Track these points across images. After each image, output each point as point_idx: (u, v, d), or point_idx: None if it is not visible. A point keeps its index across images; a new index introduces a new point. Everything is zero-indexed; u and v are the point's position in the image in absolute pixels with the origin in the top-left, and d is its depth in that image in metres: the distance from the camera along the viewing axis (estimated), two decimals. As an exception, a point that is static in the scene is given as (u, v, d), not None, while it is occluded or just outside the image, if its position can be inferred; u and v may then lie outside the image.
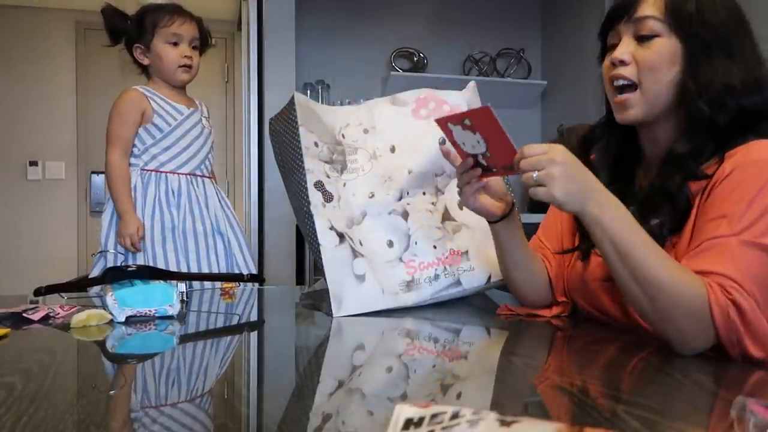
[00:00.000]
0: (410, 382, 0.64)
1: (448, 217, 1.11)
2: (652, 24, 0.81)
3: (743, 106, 0.78)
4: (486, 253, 1.08)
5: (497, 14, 3.52)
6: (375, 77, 3.34)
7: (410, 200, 1.09)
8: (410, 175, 1.09)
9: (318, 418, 0.51)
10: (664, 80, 0.82)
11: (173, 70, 1.63)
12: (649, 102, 0.84)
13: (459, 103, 1.14)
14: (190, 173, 1.65)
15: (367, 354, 0.81)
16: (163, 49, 1.62)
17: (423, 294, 1.05)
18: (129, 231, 1.55)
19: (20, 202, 4.19)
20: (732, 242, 0.71)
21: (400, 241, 1.06)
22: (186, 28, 1.63)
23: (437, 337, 0.90)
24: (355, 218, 1.06)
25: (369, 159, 1.11)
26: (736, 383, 0.65)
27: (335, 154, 1.10)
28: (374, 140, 1.12)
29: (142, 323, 0.93)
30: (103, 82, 4.30)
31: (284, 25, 2.78)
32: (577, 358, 0.79)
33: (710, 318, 0.68)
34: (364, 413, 0.53)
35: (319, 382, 0.65)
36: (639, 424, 0.47)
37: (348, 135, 1.12)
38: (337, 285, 1.00)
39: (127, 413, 0.52)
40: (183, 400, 0.58)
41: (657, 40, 0.82)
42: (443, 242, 1.08)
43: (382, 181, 1.09)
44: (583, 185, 0.74)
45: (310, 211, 1.02)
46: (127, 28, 1.63)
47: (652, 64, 0.82)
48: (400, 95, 1.17)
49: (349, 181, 1.08)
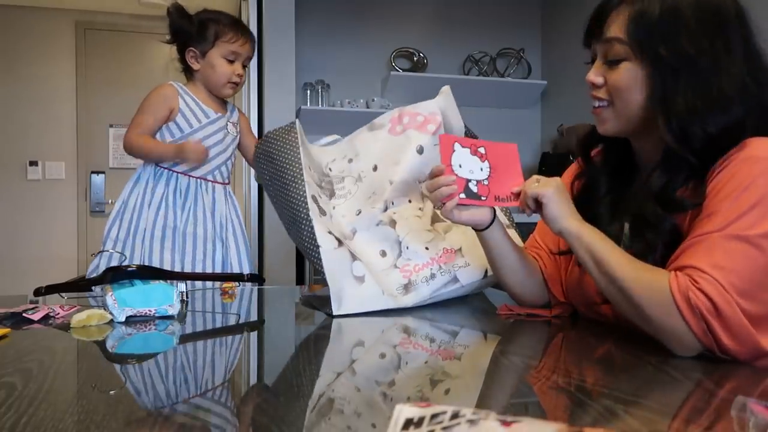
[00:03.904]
0: (400, 372, 0.64)
1: (437, 219, 1.13)
2: (617, 48, 0.83)
3: (708, 132, 0.77)
4: (480, 248, 1.09)
5: (497, 14, 3.53)
6: (375, 77, 3.34)
7: (396, 209, 1.12)
8: (392, 186, 1.11)
9: (318, 418, 0.51)
10: (633, 102, 0.83)
11: (222, 84, 1.64)
12: (623, 118, 0.86)
13: (432, 111, 1.14)
14: (201, 177, 1.65)
15: (365, 349, 0.81)
16: (218, 62, 1.62)
17: (421, 294, 1.05)
18: (189, 147, 1.56)
19: (20, 202, 4.18)
20: (713, 237, 0.71)
21: (393, 249, 1.08)
22: (246, 48, 1.65)
23: (434, 337, 0.90)
24: (347, 234, 1.09)
25: (355, 182, 1.16)
26: (736, 383, 0.65)
27: (324, 183, 1.17)
28: (358, 165, 1.18)
29: (142, 323, 0.93)
30: (103, 81, 4.30)
31: (284, 25, 2.78)
32: (576, 359, 0.79)
33: (678, 309, 0.69)
34: (359, 409, 0.53)
35: (319, 382, 0.65)
36: (639, 424, 0.47)
37: (334, 168, 1.20)
38: (337, 284, 1.00)
39: (127, 413, 0.52)
40: (183, 400, 0.58)
41: (623, 64, 0.83)
42: (435, 243, 1.09)
43: (366, 197, 1.13)
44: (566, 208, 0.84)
45: (309, 216, 1.04)
46: (191, 30, 1.62)
47: (619, 87, 0.84)
48: (377, 120, 1.21)
49: (338, 206, 1.13)
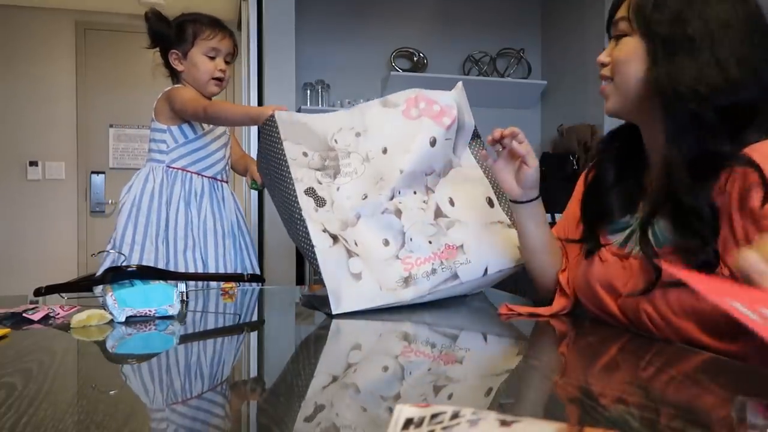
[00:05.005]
0: (404, 383, 0.64)
1: (440, 214, 1.11)
2: (622, 25, 0.88)
3: (718, 105, 0.77)
4: (482, 245, 1.09)
5: (497, 14, 3.52)
6: (375, 77, 3.34)
7: (402, 199, 1.10)
8: (401, 175, 1.09)
9: (318, 418, 0.51)
10: (631, 75, 0.86)
11: (206, 81, 1.67)
12: (622, 94, 0.89)
13: (448, 104, 1.13)
14: (212, 177, 1.69)
15: (364, 354, 0.81)
16: (200, 60, 1.65)
17: (421, 289, 1.04)
18: None
19: (20, 202, 4.18)
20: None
21: (396, 239, 1.07)
22: (225, 43, 1.68)
23: (434, 342, 0.90)
24: (350, 220, 1.07)
25: (362, 162, 1.12)
26: (736, 383, 0.65)
27: (327, 161, 1.13)
28: (366, 143, 1.14)
29: (142, 323, 0.93)
30: (103, 82, 4.30)
31: (284, 25, 2.78)
32: (577, 359, 0.79)
33: None
34: (358, 410, 0.53)
35: (320, 382, 0.65)
36: (639, 424, 0.47)
37: (340, 140, 1.15)
38: (334, 283, 1.00)
39: (127, 413, 0.52)
40: (183, 400, 0.58)
41: (625, 39, 0.87)
42: (437, 237, 1.08)
43: (374, 182, 1.10)
44: None
45: (302, 216, 1.04)
46: (169, 33, 1.65)
47: (619, 60, 0.88)
48: (391, 97, 1.17)
49: (342, 185, 1.10)
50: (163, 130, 1.65)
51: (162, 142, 1.65)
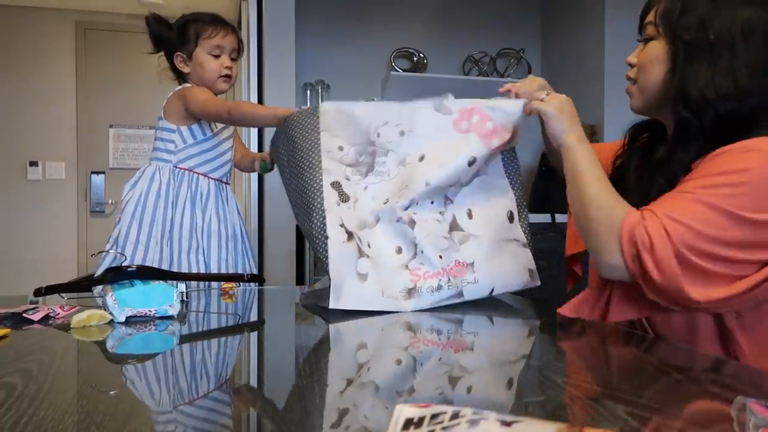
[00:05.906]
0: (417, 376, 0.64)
1: (456, 227, 1.09)
2: (649, 29, 0.91)
3: (719, 113, 0.81)
4: (492, 265, 1.07)
5: (497, 14, 3.52)
6: (375, 77, 3.34)
7: (417, 209, 1.07)
8: (426, 188, 1.05)
9: (318, 418, 0.51)
10: (652, 77, 0.91)
11: (214, 79, 1.66)
12: (644, 95, 0.94)
13: (505, 123, 1.08)
14: (218, 179, 1.69)
15: (370, 351, 0.81)
16: (205, 59, 1.64)
17: (422, 302, 1.03)
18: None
19: (20, 202, 4.18)
20: (684, 196, 0.78)
21: (409, 249, 1.05)
22: (228, 39, 1.66)
23: (440, 328, 0.90)
24: (369, 222, 1.06)
25: (397, 164, 1.10)
26: (736, 383, 0.65)
27: (363, 156, 1.10)
28: (407, 145, 1.10)
29: (142, 323, 0.93)
30: (103, 82, 4.30)
31: (284, 25, 2.78)
32: (577, 358, 0.79)
33: (618, 234, 0.78)
34: (363, 410, 0.53)
35: (320, 382, 0.65)
36: (639, 424, 0.47)
37: (383, 134, 1.11)
38: (339, 278, 1.00)
39: (127, 413, 0.52)
40: (183, 400, 0.58)
41: (651, 42, 0.91)
42: (449, 253, 1.06)
43: (399, 188, 1.08)
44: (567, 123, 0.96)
45: (323, 206, 1.03)
46: (170, 36, 1.64)
47: (643, 63, 0.92)
48: (446, 102, 1.10)
49: (371, 185, 1.08)
50: (173, 130, 1.63)
51: (170, 141, 1.64)
